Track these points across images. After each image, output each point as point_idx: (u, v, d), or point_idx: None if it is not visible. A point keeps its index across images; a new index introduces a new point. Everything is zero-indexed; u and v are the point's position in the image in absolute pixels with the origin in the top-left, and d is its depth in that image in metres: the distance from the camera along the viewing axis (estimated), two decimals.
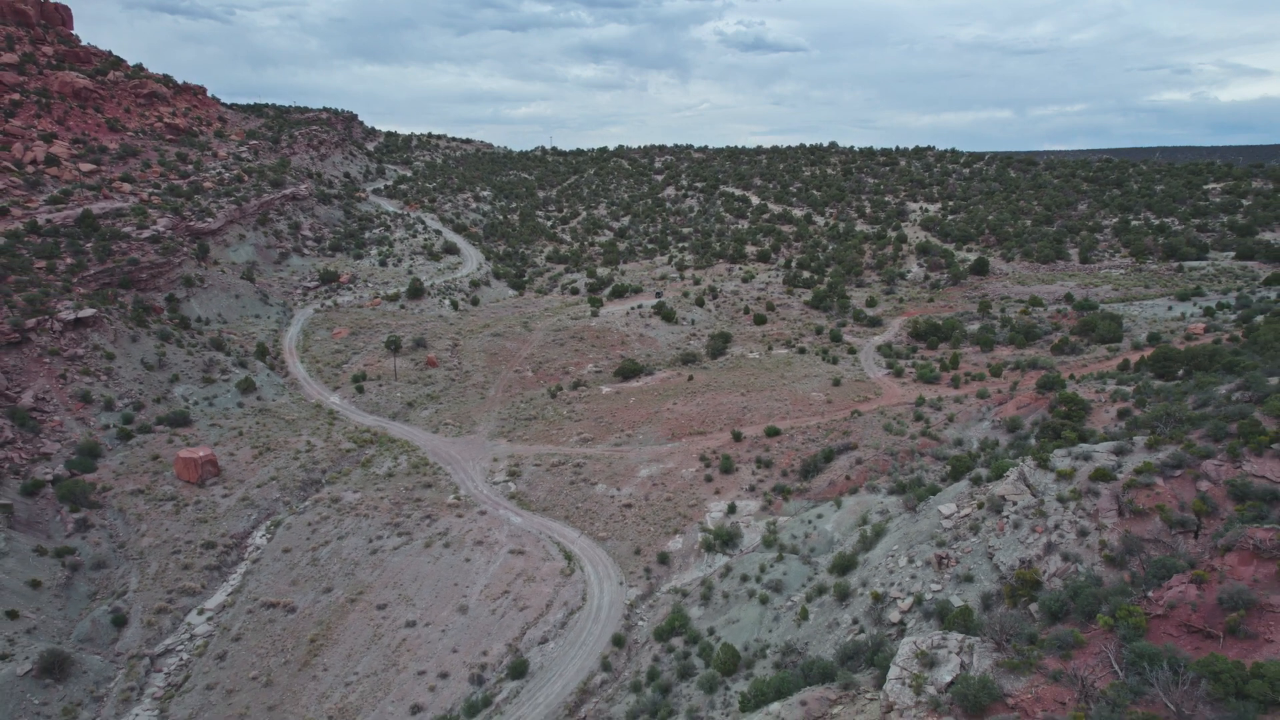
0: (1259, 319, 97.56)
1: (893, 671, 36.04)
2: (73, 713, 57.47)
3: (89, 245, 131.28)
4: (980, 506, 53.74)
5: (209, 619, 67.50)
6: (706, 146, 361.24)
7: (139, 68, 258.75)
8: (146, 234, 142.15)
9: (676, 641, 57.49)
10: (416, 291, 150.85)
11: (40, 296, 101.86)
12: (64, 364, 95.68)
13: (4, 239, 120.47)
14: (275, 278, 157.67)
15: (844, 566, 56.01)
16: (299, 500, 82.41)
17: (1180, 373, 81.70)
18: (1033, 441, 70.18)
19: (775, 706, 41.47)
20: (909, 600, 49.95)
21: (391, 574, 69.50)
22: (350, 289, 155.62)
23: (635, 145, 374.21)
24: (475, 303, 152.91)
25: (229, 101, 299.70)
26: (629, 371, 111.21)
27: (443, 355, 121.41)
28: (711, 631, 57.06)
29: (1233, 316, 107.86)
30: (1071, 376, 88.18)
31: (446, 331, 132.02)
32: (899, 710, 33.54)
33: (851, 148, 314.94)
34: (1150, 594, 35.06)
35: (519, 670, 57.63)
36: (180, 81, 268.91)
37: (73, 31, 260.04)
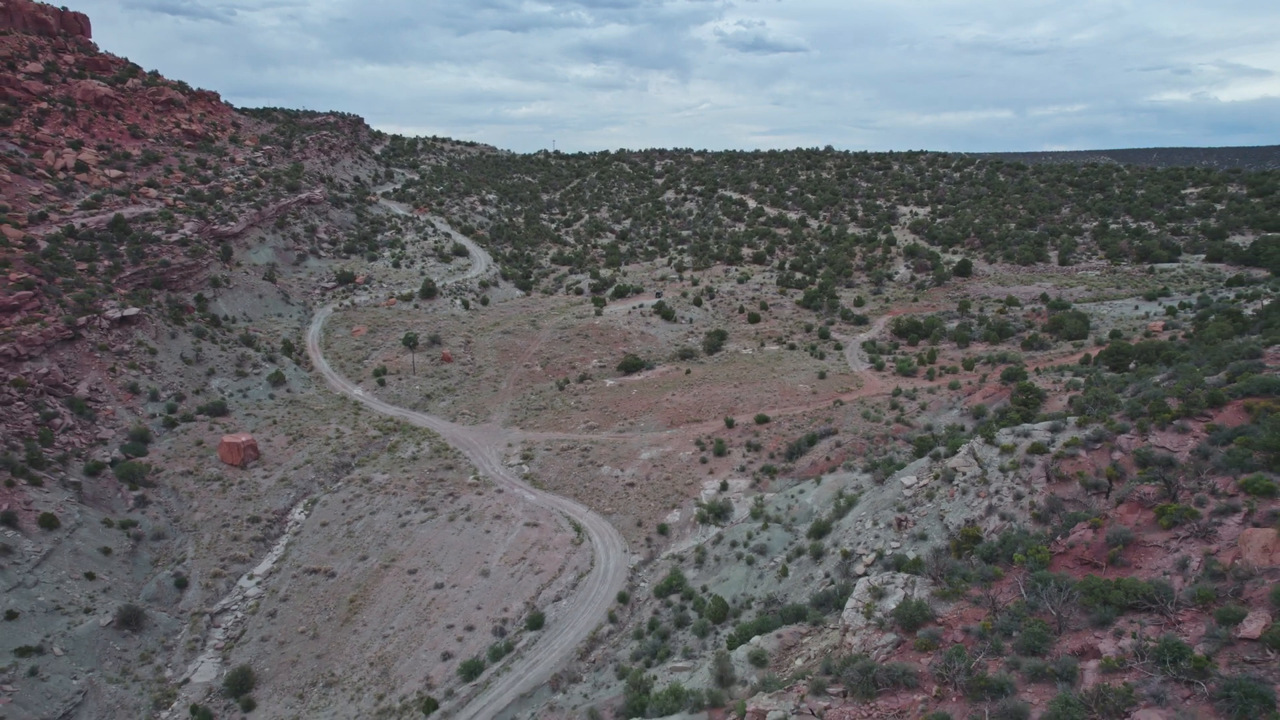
0: (1212, 317, 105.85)
1: (850, 603, 44.67)
2: (148, 659, 65.98)
3: (122, 248, 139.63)
4: (936, 477, 62.10)
5: (258, 583, 75.96)
6: (706, 150, 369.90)
7: (155, 75, 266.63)
8: (175, 237, 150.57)
9: (674, 598, 65.82)
10: (429, 292, 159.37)
11: (88, 296, 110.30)
12: (113, 358, 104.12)
13: (47, 242, 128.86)
14: (294, 278, 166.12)
15: (820, 531, 64.44)
16: (332, 481, 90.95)
17: (1131, 365, 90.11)
18: None
19: (756, 639, 49.95)
20: (872, 555, 58.44)
21: (420, 544, 77.95)
22: (366, 289, 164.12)
23: (636, 146, 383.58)
24: (485, 302, 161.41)
25: (229, 101, 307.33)
26: (631, 366, 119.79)
27: (457, 351, 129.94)
28: (704, 589, 65.42)
29: (1191, 315, 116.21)
30: (1036, 370, 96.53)
31: (459, 329, 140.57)
32: (852, 630, 42.16)
33: (847, 151, 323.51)
34: (1059, 539, 43.69)
35: (536, 622, 66.08)
36: (195, 88, 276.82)
37: (91, 39, 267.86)
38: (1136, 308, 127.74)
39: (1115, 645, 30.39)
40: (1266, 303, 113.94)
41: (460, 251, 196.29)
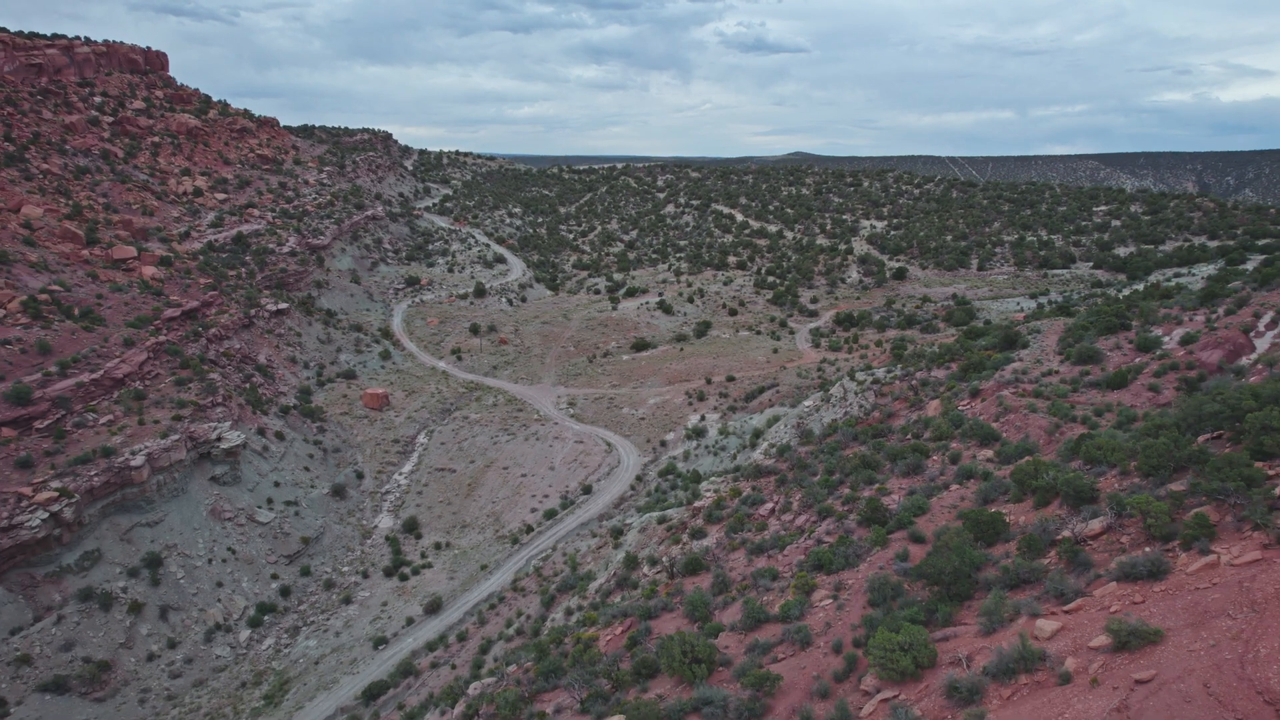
0: (1048, 309, 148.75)
1: (757, 450, 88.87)
2: (352, 514, 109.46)
3: (248, 258, 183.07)
4: (822, 400, 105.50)
5: (406, 477, 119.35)
6: (704, 164, 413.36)
7: (225, 105, 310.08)
8: (286, 249, 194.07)
9: (669, 476, 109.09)
10: (481, 292, 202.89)
11: (252, 294, 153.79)
12: (275, 339, 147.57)
13: (201, 255, 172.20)
14: (372, 281, 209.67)
15: (756, 435, 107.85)
16: (441, 419, 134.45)
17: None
18: None
19: (712, 479, 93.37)
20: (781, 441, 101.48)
21: (508, 453, 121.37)
22: (430, 290, 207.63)
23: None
24: (524, 300, 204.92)
25: (287, 125, 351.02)
26: (640, 346, 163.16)
27: (510, 336, 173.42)
28: (687, 470, 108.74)
29: (1050, 309, 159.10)
30: (922, 345, 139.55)
31: (508, 320, 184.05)
32: (755, 462, 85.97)
33: (826, 169, 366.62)
34: (865, 418, 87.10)
35: (587, 490, 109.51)
36: (258, 115, 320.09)
37: (170, 74, 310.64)
38: (1018, 304, 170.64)
39: (865, 448, 73.70)
40: (1100, 300, 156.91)
41: (499, 259, 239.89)
